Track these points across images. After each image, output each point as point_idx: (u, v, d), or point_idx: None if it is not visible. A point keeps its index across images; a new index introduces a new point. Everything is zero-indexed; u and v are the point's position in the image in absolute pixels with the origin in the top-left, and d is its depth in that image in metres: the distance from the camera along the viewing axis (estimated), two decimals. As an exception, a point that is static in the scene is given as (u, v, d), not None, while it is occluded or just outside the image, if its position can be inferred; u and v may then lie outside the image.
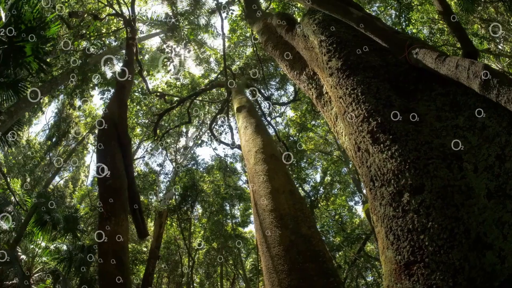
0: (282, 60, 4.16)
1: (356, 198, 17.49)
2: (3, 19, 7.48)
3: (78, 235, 12.43)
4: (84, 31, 10.77)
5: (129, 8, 8.53)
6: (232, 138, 11.68)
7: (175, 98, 13.18)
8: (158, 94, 12.48)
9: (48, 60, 9.26)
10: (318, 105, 3.28)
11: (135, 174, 17.22)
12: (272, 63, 15.13)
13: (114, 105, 5.09)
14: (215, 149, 34.02)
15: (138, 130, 15.40)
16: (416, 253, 1.52)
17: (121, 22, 13.08)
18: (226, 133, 14.65)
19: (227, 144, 12.64)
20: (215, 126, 13.87)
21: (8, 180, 12.58)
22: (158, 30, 15.59)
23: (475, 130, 1.85)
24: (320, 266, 3.07)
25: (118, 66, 16.44)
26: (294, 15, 11.19)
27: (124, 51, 15.89)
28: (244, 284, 19.39)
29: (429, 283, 1.41)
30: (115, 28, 12.83)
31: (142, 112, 14.68)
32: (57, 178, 18.74)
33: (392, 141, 1.93)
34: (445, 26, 12.22)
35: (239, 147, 10.59)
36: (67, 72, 10.43)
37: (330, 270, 3.07)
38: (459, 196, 1.59)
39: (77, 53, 10.75)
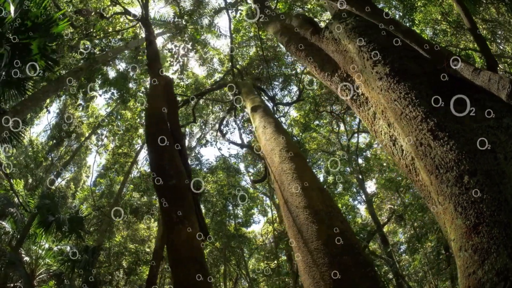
0: (310, 62, 4.23)
1: (359, 198, 17.70)
2: (12, 14, 7.34)
3: (82, 235, 12.33)
4: (91, 30, 10.70)
5: (142, 5, 8.53)
6: (241, 137, 11.66)
7: (179, 99, 13.14)
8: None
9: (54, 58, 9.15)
10: (353, 105, 3.39)
11: (138, 175, 17.15)
12: (276, 63, 15.23)
13: (160, 102, 4.85)
14: (219, 149, 33.94)
15: (140, 130, 15.30)
16: (480, 217, 2.06)
17: (126, 21, 13.05)
18: (231, 133, 14.66)
19: (237, 144, 12.64)
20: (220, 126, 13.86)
21: (12, 181, 12.43)
22: (161, 30, 15.57)
23: (502, 129, 2.39)
24: (357, 258, 3.16)
25: (120, 66, 16.40)
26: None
27: (126, 51, 15.87)
28: (247, 284, 19.45)
29: (491, 235, 1.95)
30: (120, 28, 12.76)
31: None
32: (58, 179, 18.59)
33: (449, 137, 2.40)
34: (448, 27, 12.42)
35: (248, 146, 10.61)
36: (74, 71, 10.36)
37: (366, 261, 3.17)
38: (498, 177, 2.15)
39: (84, 51, 10.67)
